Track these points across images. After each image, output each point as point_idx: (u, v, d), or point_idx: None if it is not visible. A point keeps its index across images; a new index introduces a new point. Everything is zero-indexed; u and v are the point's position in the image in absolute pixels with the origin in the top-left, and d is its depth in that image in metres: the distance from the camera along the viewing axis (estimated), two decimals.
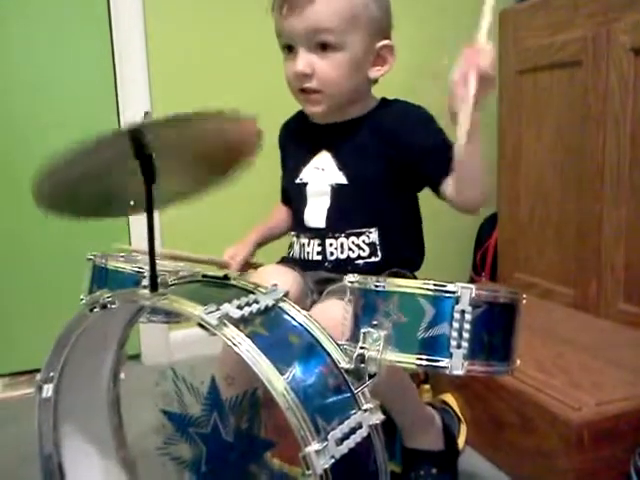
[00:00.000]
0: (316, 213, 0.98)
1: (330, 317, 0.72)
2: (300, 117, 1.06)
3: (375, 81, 0.99)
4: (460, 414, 1.18)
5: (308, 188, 1.00)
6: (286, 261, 1.02)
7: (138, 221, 1.59)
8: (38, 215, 0.71)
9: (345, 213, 0.96)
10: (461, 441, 1.14)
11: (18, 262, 1.64)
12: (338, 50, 0.91)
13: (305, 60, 0.91)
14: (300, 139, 1.05)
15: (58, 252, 1.64)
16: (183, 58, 1.68)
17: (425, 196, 1.00)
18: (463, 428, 1.17)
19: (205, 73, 1.70)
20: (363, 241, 0.95)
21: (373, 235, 0.95)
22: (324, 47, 0.91)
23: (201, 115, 0.61)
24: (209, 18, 1.69)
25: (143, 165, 0.64)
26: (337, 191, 0.97)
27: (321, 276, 0.97)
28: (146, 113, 0.61)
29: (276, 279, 0.83)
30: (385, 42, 0.95)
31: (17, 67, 1.60)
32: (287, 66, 0.95)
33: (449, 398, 1.22)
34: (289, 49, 0.94)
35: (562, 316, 1.45)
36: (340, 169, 0.97)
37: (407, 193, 0.99)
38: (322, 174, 0.98)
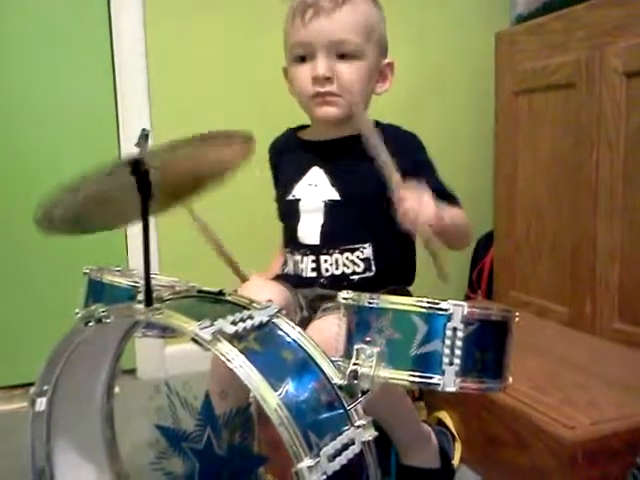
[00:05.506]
0: (310, 230, 0.99)
1: (327, 335, 0.72)
2: (289, 135, 1.07)
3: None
4: (455, 432, 1.18)
5: (301, 204, 1.00)
6: (279, 278, 1.02)
7: (135, 235, 1.60)
8: (35, 230, 0.71)
9: (339, 229, 0.97)
10: (456, 459, 1.14)
11: (14, 275, 1.65)
12: (357, 59, 0.94)
13: (326, 64, 0.92)
14: (292, 156, 1.05)
15: (55, 265, 1.64)
16: (183, 73, 1.70)
17: None
18: (458, 446, 1.17)
19: (205, 87, 1.72)
20: (357, 257, 0.96)
21: (367, 250, 0.96)
22: (343, 56, 0.93)
23: (198, 140, 0.62)
24: (210, 33, 1.71)
25: (139, 181, 0.65)
26: (330, 207, 0.97)
27: (316, 293, 0.97)
28: (143, 130, 0.61)
29: (260, 293, 0.83)
30: (389, 60, 0.99)
31: (16, 77, 1.61)
32: (300, 72, 0.95)
33: (444, 415, 1.21)
34: (302, 59, 0.95)
35: (557, 334, 1.46)
36: (333, 185, 0.97)
37: None
38: (315, 190, 0.98)
